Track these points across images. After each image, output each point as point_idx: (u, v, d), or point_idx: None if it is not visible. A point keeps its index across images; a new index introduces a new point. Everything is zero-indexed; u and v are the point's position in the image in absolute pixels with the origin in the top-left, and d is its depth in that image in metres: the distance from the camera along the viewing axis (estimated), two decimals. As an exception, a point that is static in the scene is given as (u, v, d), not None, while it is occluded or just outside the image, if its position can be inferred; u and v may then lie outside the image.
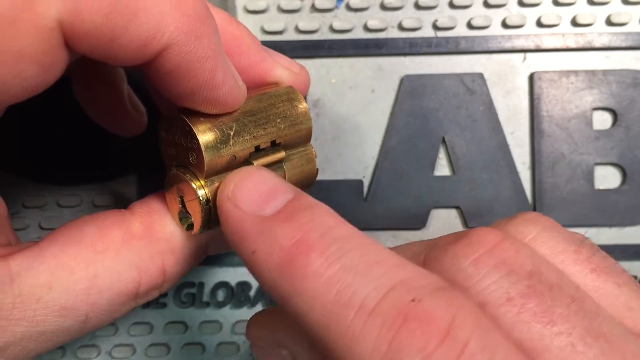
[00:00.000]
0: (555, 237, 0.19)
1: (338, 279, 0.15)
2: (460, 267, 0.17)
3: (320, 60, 0.31)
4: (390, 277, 0.15)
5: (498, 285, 0.16)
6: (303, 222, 0.17)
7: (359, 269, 0.15)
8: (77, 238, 0.19)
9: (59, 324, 0.19)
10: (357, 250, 0.16)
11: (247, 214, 0.17)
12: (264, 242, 0.17)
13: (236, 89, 0.19)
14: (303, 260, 0.16)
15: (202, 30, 0.17)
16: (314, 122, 0.31)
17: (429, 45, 0.31)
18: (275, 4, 0.31)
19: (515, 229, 0.19)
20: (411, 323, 0.14)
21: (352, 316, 0.14)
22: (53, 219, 0.32)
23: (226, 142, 0.20)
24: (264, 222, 0.17)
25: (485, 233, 0.17)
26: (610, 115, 0.31)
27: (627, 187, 0.31)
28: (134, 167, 0.31)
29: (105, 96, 0.27)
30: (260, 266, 0.17)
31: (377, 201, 0.31)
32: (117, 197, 0.32)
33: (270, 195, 0.18)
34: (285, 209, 0.17)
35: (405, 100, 0.31)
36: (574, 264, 0.18)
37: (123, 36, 0.16)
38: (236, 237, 0.17)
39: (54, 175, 0.31)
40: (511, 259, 0.17)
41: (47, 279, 0.18)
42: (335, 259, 0.15)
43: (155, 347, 0.31)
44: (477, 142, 0.31)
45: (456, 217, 0.31)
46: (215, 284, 0.32)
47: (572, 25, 0.31)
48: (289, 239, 0.16)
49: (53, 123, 0.31)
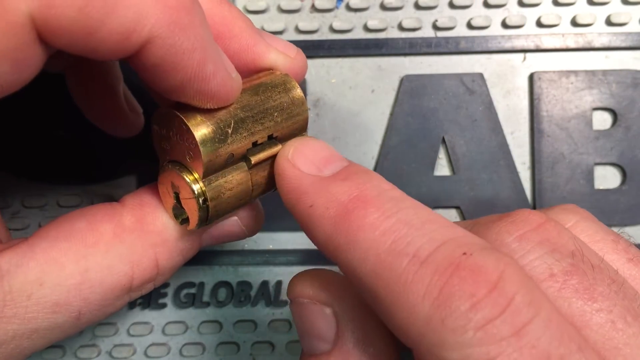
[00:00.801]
0: (593, 226, 0.19)
1: (394, 230, 0.16)
2: (505, 242, 0.17)
3: (320, 60, 0.31)
4: (443, 233, 0.16)
5: (542, 261, 0.17)
6: (360, 182, 0.18)
7: (413, 223, 0.16)
8: (68, 233, 0.19)
9: (52, 320, 0.18)
10: (412, 209, 0.17)
11: (306, 174, 0.18)
12: (322, 197, 0.18)
13: (229, 80, 0.19)
14: (360, 212, 0.17)
15: (186, 21, 0.17)
16: (314, 122, 0.32)
17: (429, 46, 0.31)
18: (275, 4, 0.31)
19: (556, 216, 0.20)
20: (462, 272, 0.14)
21: (405, 264, 0.15)
22: (53, 219, 0.31)
23: (224, 140, 0.19)
24: (322, 180, 0.18)
25: (529, 214, 0.18)
26: (610, 115, 0.31)
27: (626, 187, 0.31)
28: (133, 167, 0.31)
29: (101, 96, 0.26)
30: (317, 219, 0.17)
31: (377, 201, 0.31)
32: (117, 197, 0.32)
33: (328, 160, 0.19)
34: (342, 171, 0.18)
35: (405, 100, 0.31)
36: (612, 252, 0.19)
37: (100, 30, 0.16)
38: (294, 193, 0.18)
39: (54, 175, 0.31)
40: (555, 239, 0.17)
41: (38, 275, 0.18)
42: (391, 213, 0.16)
43: (155, 347, 0.31)
44: (477, 142, 0.31)
45: (456, 217, 0.31)
46: (216, 284, 0.32)
47: (572, 25, 0.31)
48: (347, 195, 0.17)
49: (53, 123, 0.31)
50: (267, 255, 0.31)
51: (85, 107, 0.27)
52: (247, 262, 0.31)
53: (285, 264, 0.31)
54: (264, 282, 0.31)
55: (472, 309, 0.14)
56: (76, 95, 0.27)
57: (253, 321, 0.31)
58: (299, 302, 0.20)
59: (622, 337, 0.15)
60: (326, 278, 0.20)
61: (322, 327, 0.19)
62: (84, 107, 0.27)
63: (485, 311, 0.14)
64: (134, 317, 0.31)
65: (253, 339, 0.31)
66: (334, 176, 0.18)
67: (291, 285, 0.21)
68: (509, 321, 0.14)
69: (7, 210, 0.32)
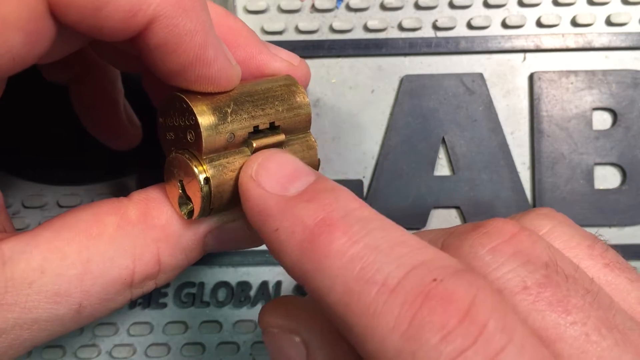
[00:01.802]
0: (569, 232, 0.19)
1: (361, 256, 0.15)
2: (478, 254, 0.17)
3: (320, 60, 0.31)
4: (413, 257, 0.15)
5: (515, 274, 0.16)
6: (326, 202, 0.17)
7: (382, 248, 0.15)
8: (72, 224, 0.19)
9: (52, 311, 0.18)
10: (380, 230, 0.16)
11: (270, 193, 0.18)
12: (287, 220, 0.17)
13: (229, 67, 0.19)
14: (326, 238, 0.16)
15: (189, 4, 0.17)
16: (314, 122, 0.31)
17: (428, 46, 0.31)
18: (275, 4, 0.31)
19: (530, 223, 0.19)
20: (432, 301, 0.14)
21: (374, 293, 0.15)
22: (53, 219, 0.32)
23: (224, 119, 0.19)
24: (287, 201, 0.17)
25: (503, 223, 0.18)
26: (610, 116, 0.31)
27: (626, 187, 0.31)
28: (134, 167, 0.31)
29: (103, 109, 0.27)
30: (283, 244, 0.17)
31: (377, 201, 0.31)
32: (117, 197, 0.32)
33: (294, 177, 0.18)
34: (308, 190, 0.18)
35: (405, 100, 0.31)
36: (588, 258, 0.18)
37: (107, 7, 0.16)
38: (259, 216, 0.18)
39: (54, 175, 0.31)
40: (528, 250, 0.17)
41: (40, 263, 0.18)
42: (359, 238, 0.16)
43: (155, 347, 0.31)
44: (477, 142, 0.31)
45: (456, 217, 0.31)
46: (216, 284, 0.32)
47: (572, 25, 0.31)
48: (313, 218, 0.16)
49: (53, 123, 0.31)
50: (267, 255, 0.31)
51: (86, 120, 0.27)
52: (247, 262, 0.31)
53: (285, 264, 0.31)
54: (263, 282, 0.31)
55: (443, 341, 0.14)
56: (78, 108, 0.27)
57: (253, 321, 0.31)
58: (270, 331, 0.20)
59: (597, 350, 0.15)
60: (295, 306, 0.19)
61: (293, 355, 0.19)
62: (84, 119, 0.27)
63: (457, 342, 0.13)
64: (134, 317, 0.31)
65: (253, 339, 0.31)
66: (299, 196, 0.17)
67: (261, 314, 0.21)
68: (481, 351, 0.13)
69: (7, 210, 0.32)
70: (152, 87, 0.25)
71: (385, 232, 0.16)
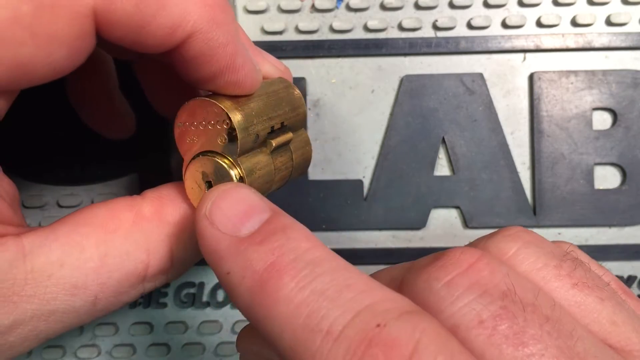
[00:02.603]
0: (536, 252, 0.18)
1: (308, 303, 0.15)
2: (433, 289, 0.17)
3: (320, 60, 0.31)
4: (359, 302, 0.15)
5: (470, 308, 0.16)
6: (276, 245, 0.17)
7: (328, 294, 0.15)
8: (89, 219, 0.20)
9: (69, 303, 0.19)
10: (328, 274, 0.16)
11: (223, 234, 0.18)
12: (238, 264, 0.17)
13: (254, 72, 0.21)
14: (275, 284, 0.16)
15: (222, 18, 0.19)
16: (314, 122, 0.32)
17: (428, 46, 0.31)
18: (275, 4, 0.31)
19: (496, 246, 0.19)
20: (374, 349, 0.14)
21: (319, 342, 0.15)
22: (53, 219, 0.32)
23: (251, 121, 0.21)
24: (239, 243, 0.17)
25: (460, 253, 0.17)
26: (610, 116, 0.31)
27: (626, 187, 0.31)
28: (134, 167, 0.31)
29: (99, 99, 0.27)
30: (234, 288, 0.17)
31: (377, 201, 0.31)
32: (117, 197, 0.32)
33: (247, 215, 0.18)
34: (260, 231, 0.17)
35: (405, 100, 0.31)
36: (555, 279, 0.18)
37: (151, 24, 0.18)
38: (212, 256, 0.18)
39: (54, 175, 0.31)
40: (485, 279, 0.16)
41: (59, 256, 0.19)
42: (306, 283, 0.16)
43: (155, 347, 0.31)
44: (477, 142, 0.31)
45: (456, 217, 0.31)
46: (216, 284, 0.32)
47: (572, 25, 0.31)
48: (263, 263, 0.16)
49: (53, 123, 0.31)
50: (267, 255, 0.31)
51: (82, 110, 0.28)
52: (247, 262, 0.31)
53: (285, 264, 0.31)
54: (264, 282, 0.31)
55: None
56: (74, 98, 0.27)
57: (253, 321, 0.31)
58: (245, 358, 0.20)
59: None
60: None
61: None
62: (80, 109, 0.28)
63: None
64: (134, 317, 0.31)
65: (253, 339, 0.31)
66: (251, 237, 0.17)
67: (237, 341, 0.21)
68: None
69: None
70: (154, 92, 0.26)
71: (334, 275, 0.16)
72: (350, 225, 0.31)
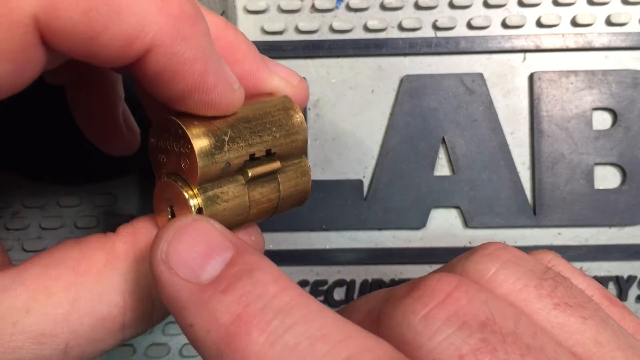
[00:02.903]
0: (515, 272, 0.18)
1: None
2: (411, 324, 0.16)
3: (320, 60, 0.31)
4: (335, 354, 0.14)
5: (449, 342, 0.15)
6: (242, 292, 0.15)
7: (300, 348, 0.14)
8: (59, 261, 0.18)
9: (37, 352, 0.17)
10: (301, 324, 0.15)
11: (183, 281, 0.16)
12: (202, 317, 0.15)
13: (230, 92, 0.19)
14: (244, 340, 0.15)
15: (188, 31, 0.17)
16: (314, 122, 0.32)
17: (429, 46, 0.31)
18: (275, 4, 0.31)
19: (474, 267, 0.18)
20: None
21: None
22: (53, 219, 0.32)
23: (221, 147, 0.19)
24: (201, 292, 0.16)
25: (437, 282, 0.17)
26: (610, 115, 0.31)
27: (626, 187, 0.31)
28: (134, 166, 0.31)
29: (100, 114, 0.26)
30: (199, 342, 0.16)
31: (377, 201, 0.31)
32: (117, 197, 0.32)
33: (208, 256, 0.16)
34: (223, 275, 0.16)
35: (405, 100, 0.31)
36: (537, 300, 0.17)
37: (103, 35, 0.16)
38: (173, 307, 0.16)
39: (54, 175, 0.31)
40: (464, 310, 0.16)
41: (25, 302, 0.17)
42: (276, 337, 0.15)
43: (155, 347, 0.31)
44: (477, 142, 0.31)
45: (456, 217, 0.31)
46: (215, 284, 0.32)
47: (572, 25, 0.31)
48: (228, 315, 0.15)
49: (53, 123, 0.31)
50: (266, 256, 0.31)
51: (83, 123, 0.27)
52: (247, 262, 0.31)
53: (285, 264, 0.31)
54: (264, 282, 0.31)
55: None
56: (75, 110, 0.26)
57: (253, 321, 0.31)
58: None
59: None
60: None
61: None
62: (81, 123, 0.27)
63: None
64: (134, 317, 0.31)
65: (253, 339, 0.31)
66: (214, 284, 0.16)
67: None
68: None
69: (7, 210, 0.32)
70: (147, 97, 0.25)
71: (307, 325, 0.15)
72: (350, 225, 0.31)
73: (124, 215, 0.32)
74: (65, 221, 0.32)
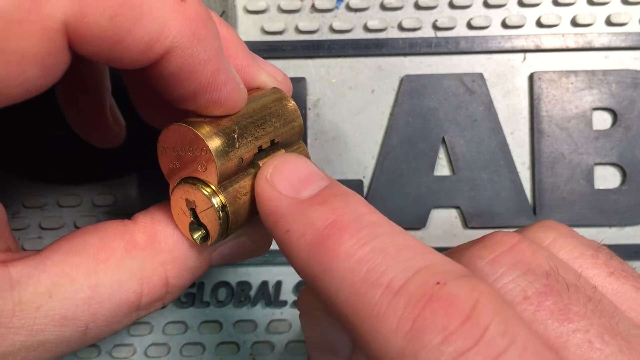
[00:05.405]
0: (572, 242, 0.19)
1: (368, 259, 0.16)
2: (477, 266, 0.17)
3: (320, 60, 0.31)
4: (418, 261, 0.15)
5: (515, 284, 0.16)
6: (337, 206, 0.17)
7: (388, 252, 0.16)
8: (80, 248, 0.19)
9: (59, 334, 0.18)
10: (388, 235, 0.16)
11: (284, 195, 0.18)
12: (298, 222, 0.17)
13: (237, 90, 0.20)
14: (335, 240, 0.16)
15: (203, 34, 0.18)
16: (314, 122, 0.32)
17: (428, 46, 0.31)
18: (275, 4, 0.31)
19: (533, 235, 0.19)
20: (435, 303, 0.14)
21: (378, 295, 0.15)
22: (53, 219, 0.32)
23: (232, 145, 0.20)
24: (299, 204, 0.18)
25: (502, 235, 0.18)
26: (610, 116, 0.31)
27: (626, 187, 0.31)
28: (134, 167, 0.31)
29: (88, 107, 0.26)
30: (293, 246, 0.17)
31: (377, 201, 0.31)
32: (117, 197, 0.32)
33: (308, 180, 0.18)
34: (320, 194, 0.18)
35: (405, 100, 0.31)
36: (592, 267, 0.18)
37: (127, 39, 0.17)
38: (272, 217, 0.18)
39: (54, 175, 0.31)
40: (528, 259, 0.17)
41: (48, 287, 0.18)
42: (366, 241, 0.16)
43: (155, 347, 0.31)
44: (477, 142, 0.31)
45: (456, 217, 0.31)
46: (216, 284, 0.32)
47: (572, 25, 0.31)
48: (323, 221, 0.17)
49: (53, 123, 0.31)
50: (267, 256, 0.31)
51: (71, 116, 0.27)
52: (246, 262, 0.31)
53: (285, 264, 0.31)
54: (263, 282, 0.31)
55: (445, 342, 0.14)
56: (63, 104, 0.27)
57: (253, 321, 0.31)
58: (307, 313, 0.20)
59: (600, 357, 0.15)
60: None
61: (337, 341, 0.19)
62: (69, 115, 0.27)
63: (458, 343, 0.14)
64: (134, 317, 0.31)
65: (253, 339, 0.31)
66: (311, 199, 0.18)
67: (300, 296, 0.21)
68: (482, 352, 0.13)
69: (7, 210, 0.32)
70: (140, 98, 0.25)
71: (393, 236, 0.16)
72: (350, 225, 0.31)
73: (124, 215, 0.32)
74: (65, 221, 0.32)
